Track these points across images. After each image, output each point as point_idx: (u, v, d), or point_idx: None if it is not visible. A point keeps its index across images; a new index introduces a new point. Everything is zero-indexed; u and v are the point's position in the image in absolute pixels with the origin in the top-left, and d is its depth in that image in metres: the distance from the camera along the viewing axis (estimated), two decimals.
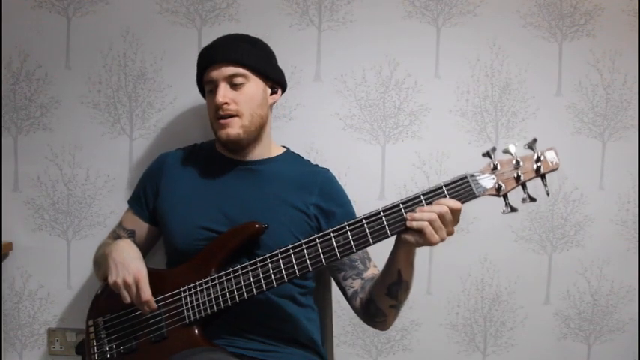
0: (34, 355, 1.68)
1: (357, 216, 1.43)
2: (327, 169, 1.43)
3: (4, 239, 1.63)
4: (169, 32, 1.62)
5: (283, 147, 1.46)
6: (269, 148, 1.40)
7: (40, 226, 1.65)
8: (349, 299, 1.32)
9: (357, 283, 1.31)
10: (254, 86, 1.32)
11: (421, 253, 1.20)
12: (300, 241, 1.17)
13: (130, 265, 1.23)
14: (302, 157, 1.46)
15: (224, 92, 1.29)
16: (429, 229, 1.08)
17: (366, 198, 1.62)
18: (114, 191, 1.63)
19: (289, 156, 1.44)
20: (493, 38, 1.63)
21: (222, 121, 1.30)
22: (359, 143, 1.64)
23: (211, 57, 1.32)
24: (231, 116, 1.29)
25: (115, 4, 1.61)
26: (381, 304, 1.23)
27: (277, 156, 1.40)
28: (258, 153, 1.37)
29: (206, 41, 1.59)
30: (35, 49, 1.62)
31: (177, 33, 1.62)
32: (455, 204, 1.09)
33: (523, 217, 1.67)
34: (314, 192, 1.34)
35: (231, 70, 1.29)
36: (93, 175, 1.64)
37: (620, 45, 1.65)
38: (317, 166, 1.45)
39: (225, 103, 1.29)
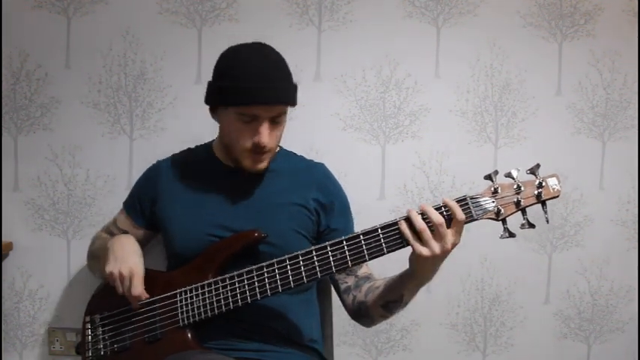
0: (34, 355, 1.68)
1: (353, 210, 1.42)
2: (322, 164, 1.44)
3: (4, 239, 1.63)
4: (169, 32, 1.62)
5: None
6: None
7: (40, 226, 1.65)
8: (341, 293, 1.34)
9: (350, 280, 1.32)
10: (286, 117, 1.30)
11: None
12: (303, 237, 1.16)
13: (129, 260, 1.26)
14: (295, 154, 1.46)
15: (269, 132, 1.25)
16: (426, 234, 1.09)
17: (366, 198, 1.62)
18: (114, 191, 1.63)
19: (284, 154, 1.44)
20: (493, 38, 1.63)
21: (256, 156, 1.28)
22: (359, 143, 1.64)
23: (262, 96, 1.22)
24: (265, 152, 1.28)
25: (115, 4, 1.61)
26: (372, 312, 1.26)
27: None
28: None
29: (206, 41, 1.60)
30: (35, 49, 1.62)
31: (177, 33, 1.62)
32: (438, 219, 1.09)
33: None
34: (312, 187, 1.36)
35: (278, 109, 1.26)
36: (93, 175, 1.64)
37: (620, 45, 1.64)
38: (311, 161, 1.46)
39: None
